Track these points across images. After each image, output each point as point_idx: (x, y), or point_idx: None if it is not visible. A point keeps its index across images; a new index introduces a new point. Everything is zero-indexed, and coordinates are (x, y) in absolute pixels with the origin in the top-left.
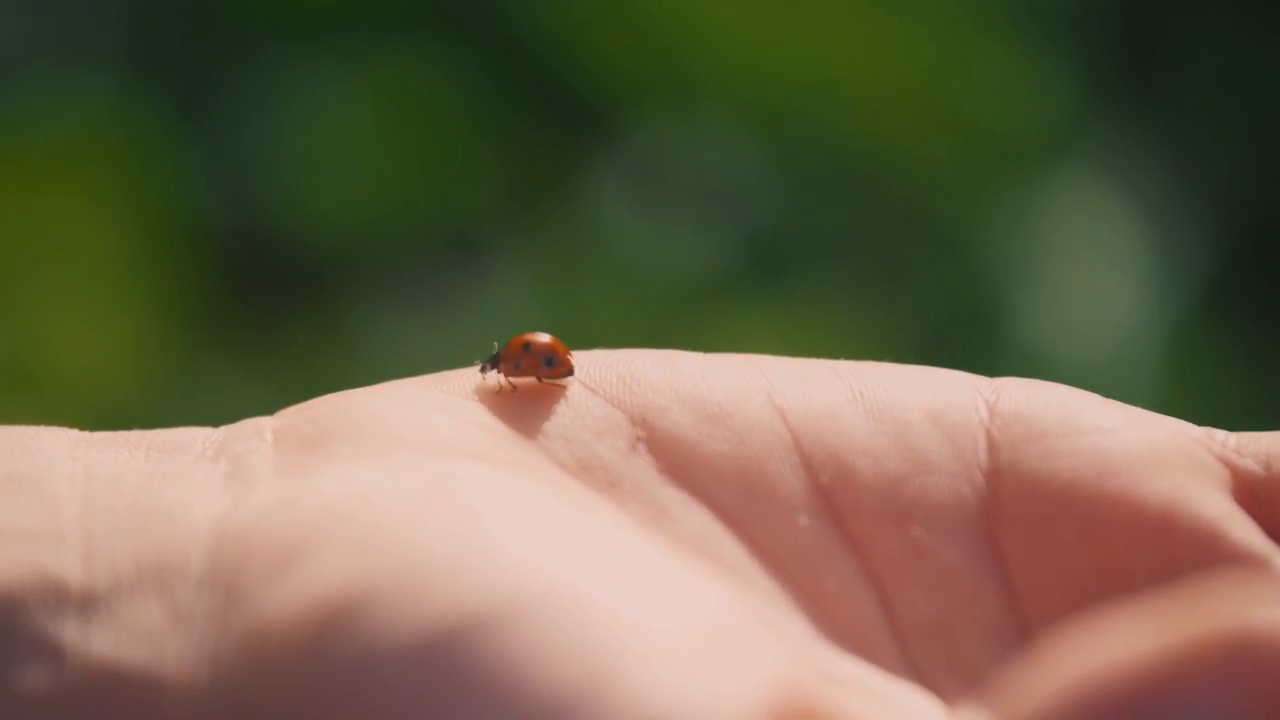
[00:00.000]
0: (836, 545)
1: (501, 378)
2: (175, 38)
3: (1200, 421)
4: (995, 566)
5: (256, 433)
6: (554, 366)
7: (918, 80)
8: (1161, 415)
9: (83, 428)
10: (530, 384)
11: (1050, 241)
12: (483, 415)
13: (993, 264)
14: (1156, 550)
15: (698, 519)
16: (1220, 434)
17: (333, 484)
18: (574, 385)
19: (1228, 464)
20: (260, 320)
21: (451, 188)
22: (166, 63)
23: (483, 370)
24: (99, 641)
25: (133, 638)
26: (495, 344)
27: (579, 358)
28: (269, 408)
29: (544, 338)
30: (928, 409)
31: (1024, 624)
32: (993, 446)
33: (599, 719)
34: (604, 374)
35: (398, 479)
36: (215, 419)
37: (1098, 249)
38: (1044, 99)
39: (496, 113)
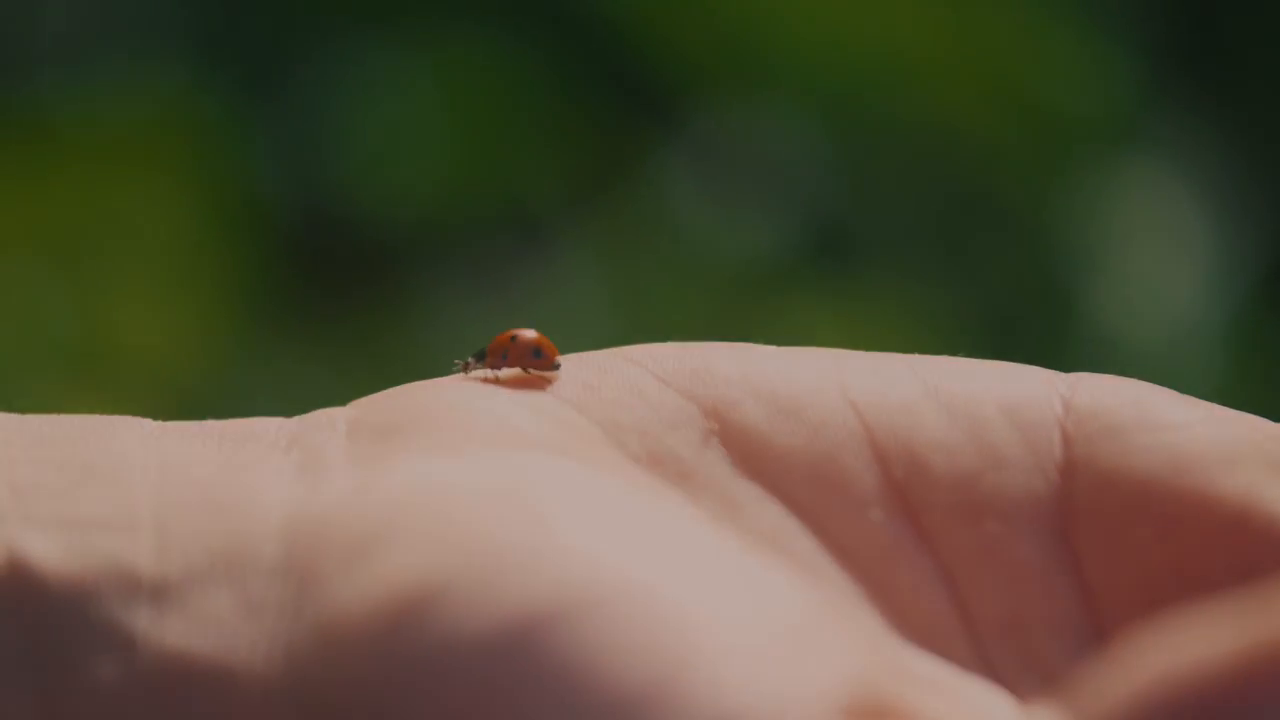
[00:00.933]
0: (910, 540)
1: (488, 370)
2: (244, 22)
3: (1262, 406)
4: (1070, 563)
5: (329, 423)
6: (540, 358)
7: (985, 64)
8: (1238, 412)
9: (150, 410)
10: (516, 375)
11: (1117, 226)
12: (556, 407)
13: (1059, 249)
14: (1232, 548)
15: (771, 513)
16: None
17: (407, 475)
18: (648, 378)
19: None
20: (327, 303)
21: (517, 172)
22: (235, 47)
23: (466, 368)
24: (171, 631)
25: (205, 628)
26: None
27: (650, 350)
28: (335, 390)
29: (530, 332)
30: (1002, 404)
31: (1099, 621)
32: (1067, 442)
33: (670, 714)
34: (677, 367)
35: (472, 471)
36: (282, 401)
37: (1163, 234)
38: (1110, 84)
39: (563, 97)
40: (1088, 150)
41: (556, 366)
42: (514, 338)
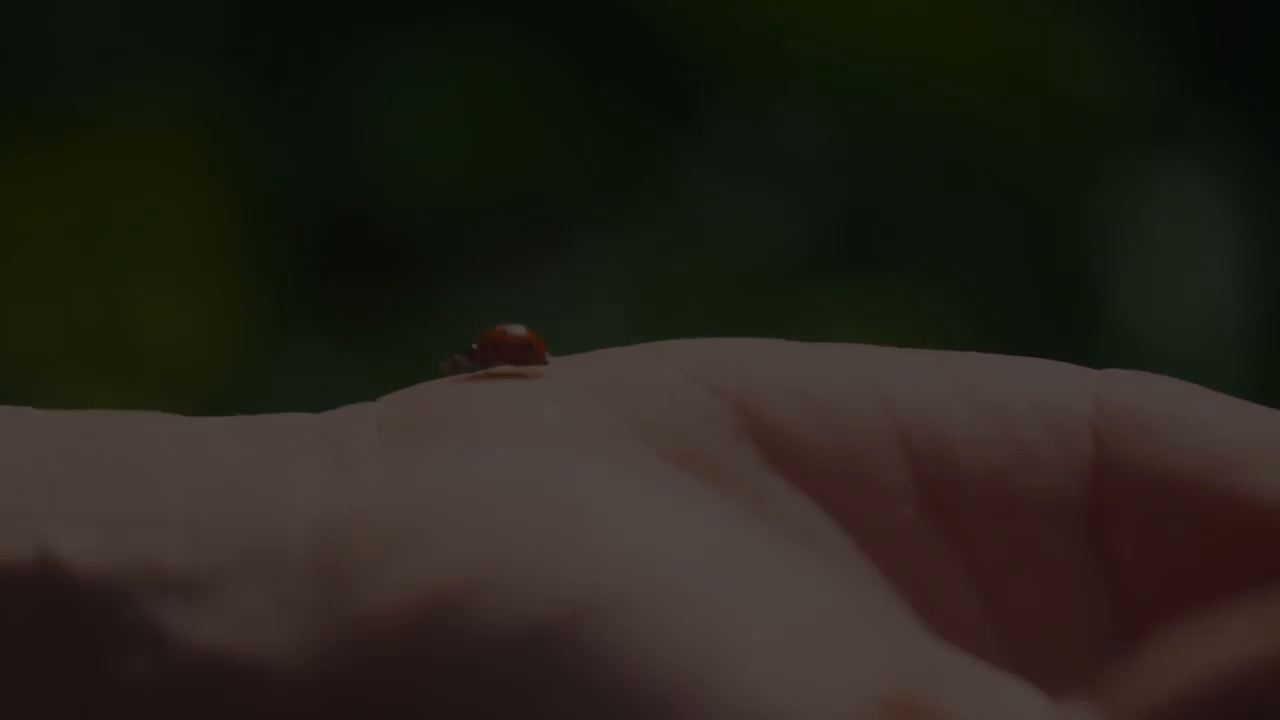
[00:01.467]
0: (942, 538)
1: (479, 367)
2: (266, 17)
3: None
4: (1102, 561)
5: (360, 419)
6: (532, 350)
7: (1011, 59)
8: (1273, 410)
9: (174, 407)
10: (507, 370)
11: (1145, 222)
12: (586, 404)
13: (1086, 245)
14: (1265, 547)
15: (801, 510)
16: None
17: (438, 472)
18: (677, 375)
19: None
20: (349, 299)
21: (540, 168)
22: (258, 41)
23: (456, 364)
24: (202, 628)
25: (236, 624)
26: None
27: (679, 346)
28: (358, 386)
29: (519, 328)
30: (1034, 401)
31: (1131, 620)
32: (1100, 440)
33: (699, 715)
34: (706, 363)
35: (503, 468)
36: (304, 396)
37: (1191, 230)
38: (1138, 78)
39: (585, 93)
40: (1115, 146)
41: (546, 363)
42: (504, 333)
